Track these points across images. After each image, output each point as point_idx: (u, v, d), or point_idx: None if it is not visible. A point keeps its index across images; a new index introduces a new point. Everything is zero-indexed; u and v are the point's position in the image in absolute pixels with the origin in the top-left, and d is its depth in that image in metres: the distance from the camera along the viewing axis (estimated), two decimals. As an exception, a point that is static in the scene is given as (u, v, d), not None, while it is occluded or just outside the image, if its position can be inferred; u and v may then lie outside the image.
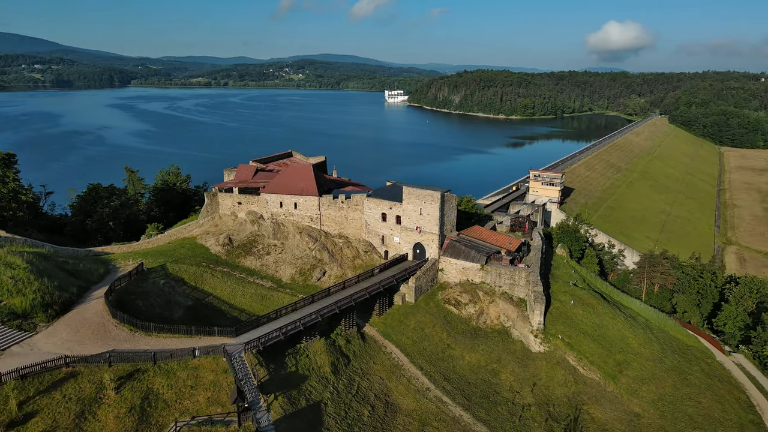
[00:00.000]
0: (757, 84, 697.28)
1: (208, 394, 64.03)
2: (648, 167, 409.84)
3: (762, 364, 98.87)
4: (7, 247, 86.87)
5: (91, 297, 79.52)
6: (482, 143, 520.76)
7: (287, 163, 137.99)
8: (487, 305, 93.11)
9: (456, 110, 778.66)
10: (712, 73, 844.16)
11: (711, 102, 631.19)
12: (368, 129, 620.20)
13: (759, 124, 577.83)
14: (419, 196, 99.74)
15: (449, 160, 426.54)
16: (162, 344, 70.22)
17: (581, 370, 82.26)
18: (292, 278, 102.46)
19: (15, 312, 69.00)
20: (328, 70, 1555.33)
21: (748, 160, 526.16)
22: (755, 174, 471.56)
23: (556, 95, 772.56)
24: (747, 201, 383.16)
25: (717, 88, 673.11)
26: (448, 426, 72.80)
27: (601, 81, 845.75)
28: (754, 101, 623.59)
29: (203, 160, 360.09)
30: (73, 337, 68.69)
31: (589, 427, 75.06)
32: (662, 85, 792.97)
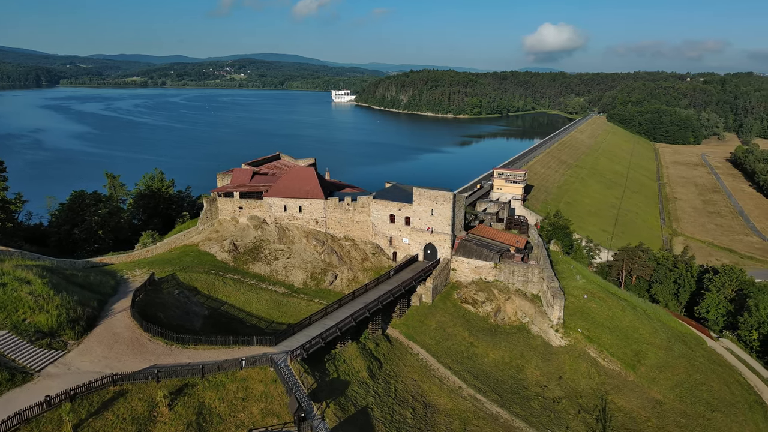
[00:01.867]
0: (685, 84, 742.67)
1: (261, 406, 62.55)
2: (595, 164, 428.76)
3: (749, 347, 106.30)
4: (9, 260, 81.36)
5: (112, 311, 75.89)
6: (436, 142, 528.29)
7: (278, 165, 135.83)
8: (504, 302, 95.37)
9: (404, 110, 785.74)
10: (643, 74, 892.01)
11: (645, 101, 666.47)
12: (319, 129, 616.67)
13: (689, 121, 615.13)
14: (430, 197, 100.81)
15: (406, 159, 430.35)
16: (203, 357, 67.92)
17: (602, 362, 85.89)
18: (304, 283, 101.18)
19: (41, 330, 64.89)
20: (271, 69, 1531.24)
21: (681, 155, 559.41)
22: (689, 168, 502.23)
23: (501, 95, 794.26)
24: (686, 194, 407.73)
25: (650, 87, 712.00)
26: (488, 423, 74.25)
27: (541, 81, 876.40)
28: (684, 100, 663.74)
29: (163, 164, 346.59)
30: (108, 354, 65.33)
31: (617, 416, 78.53)
32: (598, 85, 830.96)
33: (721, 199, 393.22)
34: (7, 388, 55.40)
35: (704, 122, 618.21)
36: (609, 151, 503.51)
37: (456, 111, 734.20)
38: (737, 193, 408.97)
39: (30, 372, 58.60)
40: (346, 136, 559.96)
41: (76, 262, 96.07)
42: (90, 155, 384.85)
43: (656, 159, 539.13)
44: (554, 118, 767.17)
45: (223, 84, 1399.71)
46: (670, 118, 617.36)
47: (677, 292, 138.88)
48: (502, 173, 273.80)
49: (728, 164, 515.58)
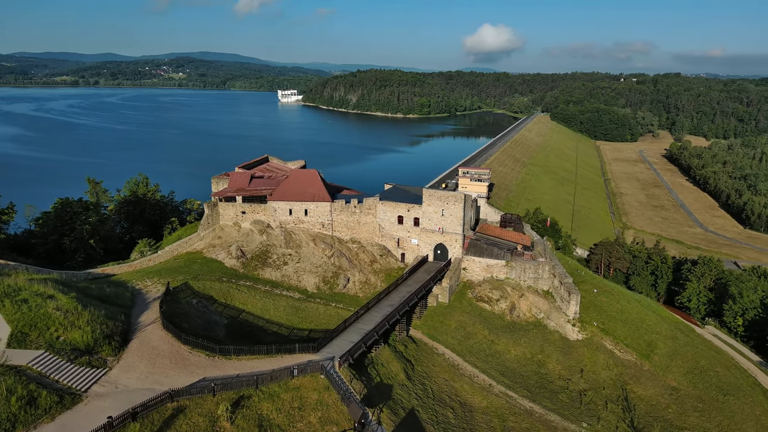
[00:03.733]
0: (620, 84, 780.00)
1: (319, 414, 61.56)
2: (546, 161, 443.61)
3: (734, 333, 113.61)
4: (16, 274, 76.13)
5: (140, 323, 72.57)
6: (390, 141, 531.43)
7: (269, 168, 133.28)
8: (518, 299, 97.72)
9: (354, 110, 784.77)
10: (580, 74, 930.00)
11: (585, 100, 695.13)
12: (268, 129, 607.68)
13: (626, 119, 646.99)
14: (441, 198, 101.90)
15: (363, 159, 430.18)
16: (249, 367, 66.13)
17: (618, 353, 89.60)
18: (318, 287, 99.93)
19: (77, 347, 61.34)
20: (211, 69, 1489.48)
21: (621, 152, 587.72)
22: (630, 164, 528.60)
23: (448, 94, 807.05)
24: (630, 189, 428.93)
25: (588, 87, 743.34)
26: (525, 419, 76.07)
27: (486, 81, 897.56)
28: (621, 99, 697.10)
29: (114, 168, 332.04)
30: (152, 369, 62.48)
31: (639, 404, 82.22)
32: (540, 85, 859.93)
33: (663, 194, 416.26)
34: (59, 411, 52.32)
35: (640, 120, 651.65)
36: (557, 149, 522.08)
37: (405, 111, 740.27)
38: (676, 188, 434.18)
39: (77, 393, 55.51)
40: (298, 136, 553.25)
41: (77, 273, 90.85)
42: (29, 159, 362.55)
43: (599, 156, 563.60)
44: (500, 117, 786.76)
45: (161, 83, 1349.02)
46: (609, 117, 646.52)
47: (655, 283, 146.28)
48: (467, 172, 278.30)
49: (664, 160, 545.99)
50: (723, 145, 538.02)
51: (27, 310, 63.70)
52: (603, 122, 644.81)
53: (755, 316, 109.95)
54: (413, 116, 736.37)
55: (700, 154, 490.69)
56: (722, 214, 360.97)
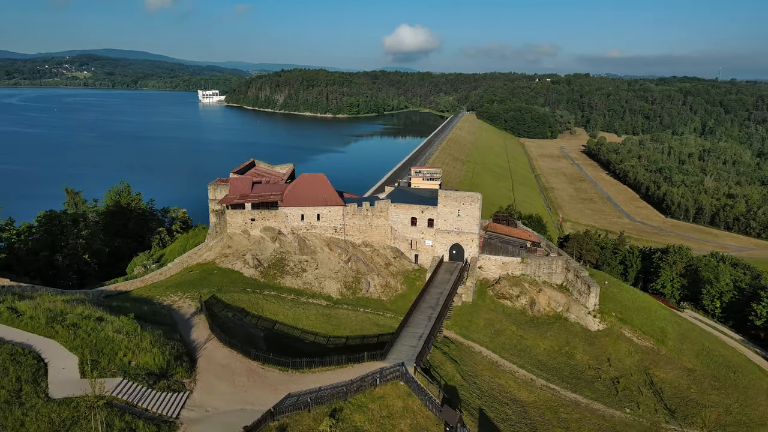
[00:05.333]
0: (538, 83, 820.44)
1: (408, 421, 61.26)
2: (482, 159, 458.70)
3: (712, 315, 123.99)
4: (43, 296, 69.38)
5: (195, 341, 68.68)
6: (325, 141, 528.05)
7: (260, 173, 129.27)
8: (536, 295, 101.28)
9: (281, 110, 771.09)
10: (499, 74, 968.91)
11: (508, 99, 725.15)
12: (192, 130, 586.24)
13: (546, 118, 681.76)
14: (457, 198, 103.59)
15: (304, 160, 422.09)
16: (325, 379, 64.46)
17: (636, 340, 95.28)
18: (341, 293, 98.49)
19: (152, 371, 57.24)
20: (119, 67, 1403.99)
21: (544, 149, 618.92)
22: (554, 160, 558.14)
23: (375, 94, 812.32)
24: (559, 184, 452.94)
25: (510, 87, 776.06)
26: (574, 410, 79.38)
27: (411, 80, 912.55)
28: (540, 98, 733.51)
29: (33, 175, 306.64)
30: (233, 389, 59.48)
31: (664, 387, 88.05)
32: (463, 84, 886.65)
33: (589, 187, 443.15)
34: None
35: (558, 119, 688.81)
36: (488, 146, 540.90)
37: (335, 110, 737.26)
38: (600, 181, 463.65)
39: (170, 420, 52.35)
40: (228, 137, 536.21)
41: (89, 292, 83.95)
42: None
43: (525, 152, 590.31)
44: (426, 116, 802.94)
45: (64, 83, 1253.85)
46: (530, 115, 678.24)
47: (625, 272, 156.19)
48: (419, 171, 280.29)
49: (584, 155, 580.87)
50: (635, 141, 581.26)
51: (85, 335, 58.57)
52: (525, 120, 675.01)
53: (731, 299, 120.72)
54: (343, 116, 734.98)
55: (616, 150, 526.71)
56: (644, 205, 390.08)
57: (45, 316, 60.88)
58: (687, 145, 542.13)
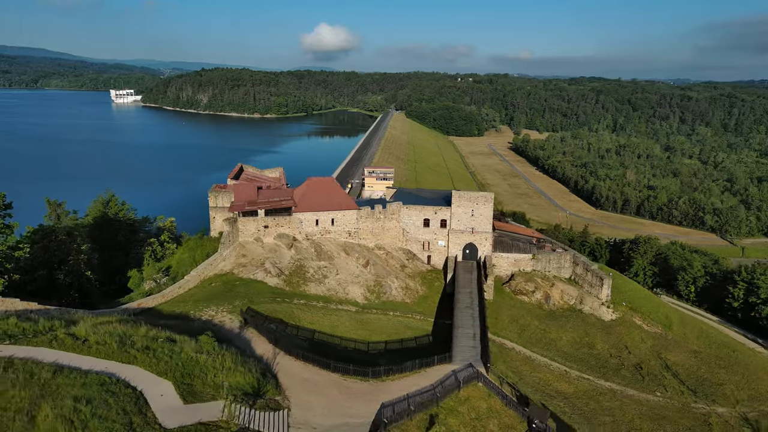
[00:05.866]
0: (462, 83, 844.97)
1: (496, 421, 62.28)
2: (421, 158, 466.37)
3: (687, 299, 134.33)
4: (85, 319, 63.71)
5: (264, 357, 65.49)
6: (257, 142, 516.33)
7: (252, 177, 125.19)
8: (549, 289, 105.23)
9: (205, 110, 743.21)
10: (422, 74, 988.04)
11: (435, 98, 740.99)
12: (113, 132, 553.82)
13: (473, 116, 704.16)
14: (470, 198, 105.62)
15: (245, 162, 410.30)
16: (408, 385, 63.89)
17: (646, 327, 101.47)
18: (366, 298, 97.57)
19: (246, 391, 54.41)
20: (14, 65, 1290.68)
21: (474, 146, 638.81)
22: (485, 157, 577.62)
23: (303, 93, 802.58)
24: (494, 180, 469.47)
25: (437, 86, 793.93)
26: (611, 397, 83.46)
27: (338, 79, 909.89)
28: (466, 97, 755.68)
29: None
30: (328, 402, 57.74)
31: (678, 370, 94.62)
32: (389, 84, 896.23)
33: (521, 183, 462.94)
34: (291, 465, 46.73)
35: (484, 117, 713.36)
36: (423, 145, 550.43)
37: (263, 110, 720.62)
38: (531, 177, 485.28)
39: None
40: (154, 139, 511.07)
41: (114, 311, 77.86)
42: None
43: (456, 150, 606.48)
44: (355, 116, 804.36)
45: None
46: (458, 114, 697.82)
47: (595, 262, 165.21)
48: (372, 171, 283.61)
49: (512, 152, 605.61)
50: (557, 138, 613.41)
51: (167, 357, 54.61)
52: (453, 119, 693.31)
53: (704, 283, 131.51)
54: (271, 116, 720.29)
55: (542, 147, 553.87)
56: (575, 198, 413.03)
57: (113, 340, 56.12)
58: (604, 141, 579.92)
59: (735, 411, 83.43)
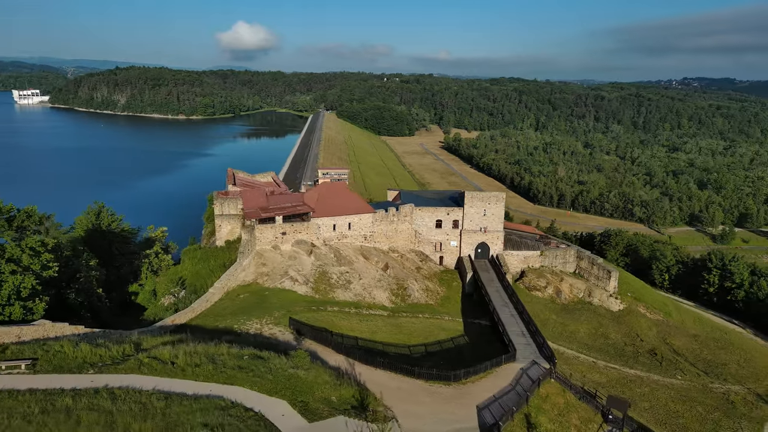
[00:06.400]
0: (390, 82, 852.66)
1: (576, 415, 64.17)
2: (361, 158, 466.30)
3: (661, 287, 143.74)
4: (148, 339, 58.97)
5: (341, 368, 63.21)
6: (188, 144, 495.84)
7: (246, 183, 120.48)
8: (559, 284, 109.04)
9: (124, 112, 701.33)
10: (349, 73, 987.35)
11: (366, 98, 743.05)
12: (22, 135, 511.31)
13: (403, 116, 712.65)
14: (482, 199, 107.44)
15: (173, 166, 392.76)
16: (488, 386, 64.53)
17: (649, 315, 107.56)
18: (392, 301, 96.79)
19: (354, 405, 52.75)
20: None
21: (407, 146, 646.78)
22: (420, 157, 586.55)
23: (229, 93, 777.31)
24: (433, 179, 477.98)
25: (366, 86, 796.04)
26: (640, 383, 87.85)
27: (264, 79, 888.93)
28: (395, 97, 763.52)
29: None
30: (429, 410, 57.24)
31: (684, 353, 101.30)
32: (317, 84, 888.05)
33: (459, 181, 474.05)
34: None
35: (415, 116, 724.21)
36: (359, 146, 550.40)
37: (188, 111, 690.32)
38: (467, 175, 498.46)
39: (413, 455, 48.92)
40: (69, 143, 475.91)
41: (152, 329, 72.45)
42: None
43: (391, 150, 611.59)
44: (284, 116, 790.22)
45: None
46: (389, 114, 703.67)
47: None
48: (327, 172, 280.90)
49: (445, 151, 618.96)
50: (487, 136, 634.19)
51: (270, 375, 51.86)
52: (385, 119, 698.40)
53: (677, 271, 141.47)
54: (197, 117, 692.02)
55: (475, 145, 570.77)
56: (514, 195, 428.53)
57: (203, 361, 52.46)
58: (531, 139, 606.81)
59: (745, 388, 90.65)
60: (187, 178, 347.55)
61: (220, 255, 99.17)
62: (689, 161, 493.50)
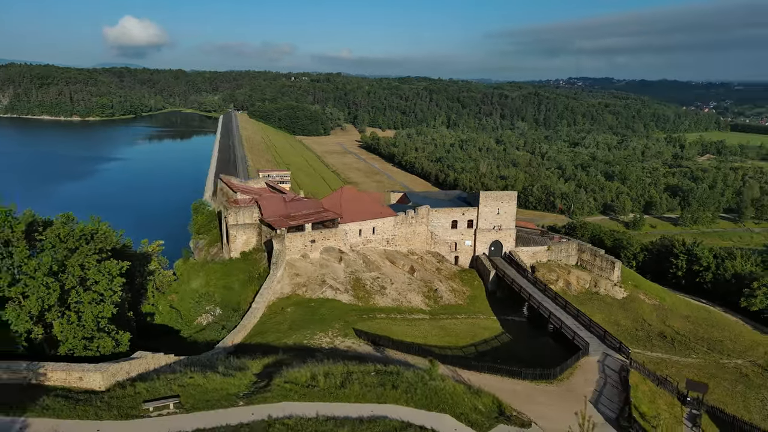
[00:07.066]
0: (302, 82, 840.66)
1: (661, 401, 67.68)
2: (286, 159, 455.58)
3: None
4: (252, 363, 54.34)
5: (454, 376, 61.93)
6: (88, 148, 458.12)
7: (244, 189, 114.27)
8: (567, 276, 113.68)
9: (7, 113, 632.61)
10: (255, 72, 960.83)
11: (278, 98, 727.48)
12: None
13: (318, 115, 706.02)
14: (496, 198, 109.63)
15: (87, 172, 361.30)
16: (582, 382, 66.46)
17: (648, 301, 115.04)
18: (427, 304, 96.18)
19: (494, 410, 52.24)
20: None
21: (324, 146, 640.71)
22: (340, 156, 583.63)
23: (129, 93, 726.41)
24: (359, 178, 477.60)
25: (277, 85, 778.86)
26: (666, 365, 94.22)
27: (165, 78, 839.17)
28: (308, 96, 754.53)
29: None
30: (555, 410, 57.39)
31: (685, 334, 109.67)
32: (224, 83, 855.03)
33: (386, 179, 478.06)
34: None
35: (329, 116, 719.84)
36: (279, 146, 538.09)
37: (83, 113, 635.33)
38: (392, 173, 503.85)
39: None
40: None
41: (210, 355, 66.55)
42: None
43: (310, 150, 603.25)
44: (190, 117, 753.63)
45: None
46: (303, 113, 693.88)
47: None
48: (268, 175, 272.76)
49: (364, 150, 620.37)
50: (404, 135, 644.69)
51: (418, 390, 49.79)
52: (299, 118, 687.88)
53: (644, 258, 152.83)
54: (94, 119, 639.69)
55: (394, 144, 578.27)
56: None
57: (341, 381, 49.53)
58: (446, 137, 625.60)
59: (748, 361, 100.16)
60: (99, 183, 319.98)
61: (241, 267, 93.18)
62: (591, 155, 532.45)
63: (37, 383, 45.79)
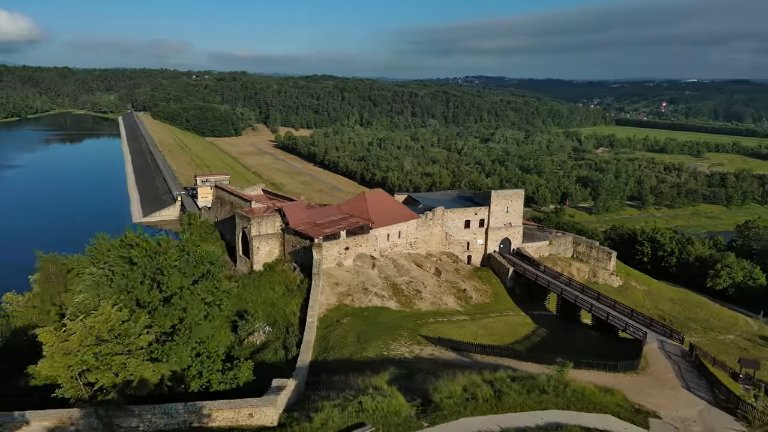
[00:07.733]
0: (204, 80, 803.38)
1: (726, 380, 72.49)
2: (206, 162, 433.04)
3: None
4: (376, 379, 51.68)
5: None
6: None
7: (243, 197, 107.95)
8: (568, 268, 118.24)
9: None
10: (152, 71, 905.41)
11: (184, 98, 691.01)
12: None
13: (228, 115, 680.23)
14: (506, 197, 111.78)
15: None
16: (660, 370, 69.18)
17: (638, 287, 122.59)
18: (460, 305, 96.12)
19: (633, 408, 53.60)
20: None
21: (237, 147, 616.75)
22: (258, 157, 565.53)
23: (10, 93, 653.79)
24: (283, 179, 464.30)
25: (181, 84, 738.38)
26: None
27: (50, 76, 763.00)
28: (216, 96, 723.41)
29: None
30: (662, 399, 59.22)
31: (675, 315, 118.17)
32: (119, 82, 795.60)
33: (311, 180, 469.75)
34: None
35: (240, 116, 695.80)
36: (194, 148, 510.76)
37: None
38: (315, 173, 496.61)
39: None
40: None
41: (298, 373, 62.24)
42: None
43: (225, 152, 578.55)
44: (82, 118, 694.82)
45: None
46: (212, 114, 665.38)
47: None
48: (207, 179, 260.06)
49: (280, 150, 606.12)
50: (321, 134, 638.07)
51: (569, 395, 50.42)
52: (208, 119, 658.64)
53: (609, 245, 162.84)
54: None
55: (314, 143, 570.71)
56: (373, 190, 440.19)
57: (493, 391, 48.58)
58: (363, 135, 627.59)
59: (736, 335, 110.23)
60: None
61: (275, 279, 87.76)
62: (504, 150, 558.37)
63: (199, 426, 40.20)
